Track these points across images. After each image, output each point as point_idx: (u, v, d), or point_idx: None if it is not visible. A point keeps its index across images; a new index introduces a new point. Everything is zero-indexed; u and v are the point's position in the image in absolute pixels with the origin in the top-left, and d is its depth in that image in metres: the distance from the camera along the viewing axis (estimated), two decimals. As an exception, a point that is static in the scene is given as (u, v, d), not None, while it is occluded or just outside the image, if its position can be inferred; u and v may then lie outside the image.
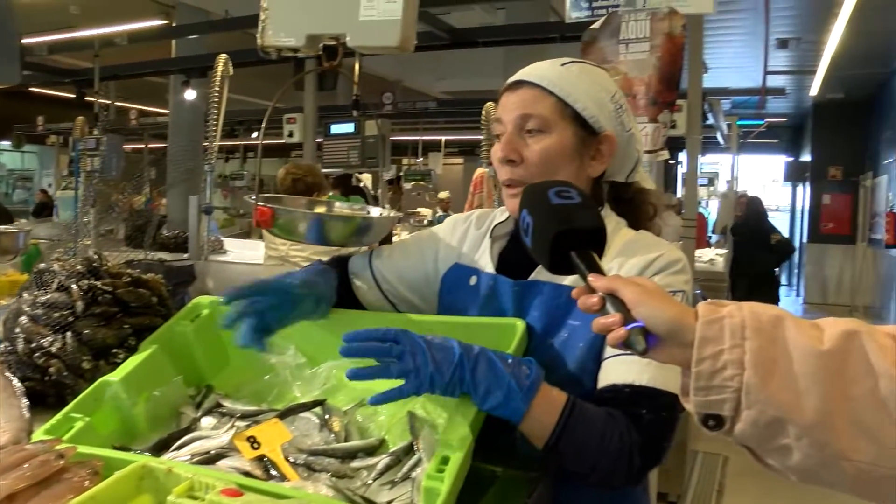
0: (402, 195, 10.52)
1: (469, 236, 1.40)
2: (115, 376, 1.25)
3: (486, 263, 1.34)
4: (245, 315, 1.21)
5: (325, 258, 1.48)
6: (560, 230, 0.91)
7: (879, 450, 0.72)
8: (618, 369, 1.12)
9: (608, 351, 1.14)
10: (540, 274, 1.23)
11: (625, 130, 1.28)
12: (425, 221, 9.60)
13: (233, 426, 1.19)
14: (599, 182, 1.31)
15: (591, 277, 0.85)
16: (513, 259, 1.31)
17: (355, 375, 1.05)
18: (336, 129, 5.05)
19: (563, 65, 1.27)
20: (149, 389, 1.27)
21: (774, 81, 10.13)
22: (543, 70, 1.26)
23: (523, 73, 1.27)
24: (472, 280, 1.33)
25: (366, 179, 6.67)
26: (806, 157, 13.43)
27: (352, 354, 1.05)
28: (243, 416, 1.22)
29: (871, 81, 10.46)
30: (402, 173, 11.03)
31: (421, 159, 13.42)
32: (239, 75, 4.23)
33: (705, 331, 0.77)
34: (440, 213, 10.31)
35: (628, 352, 0.81)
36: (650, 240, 1.27)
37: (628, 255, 1.21)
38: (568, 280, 1.18)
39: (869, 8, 6.58)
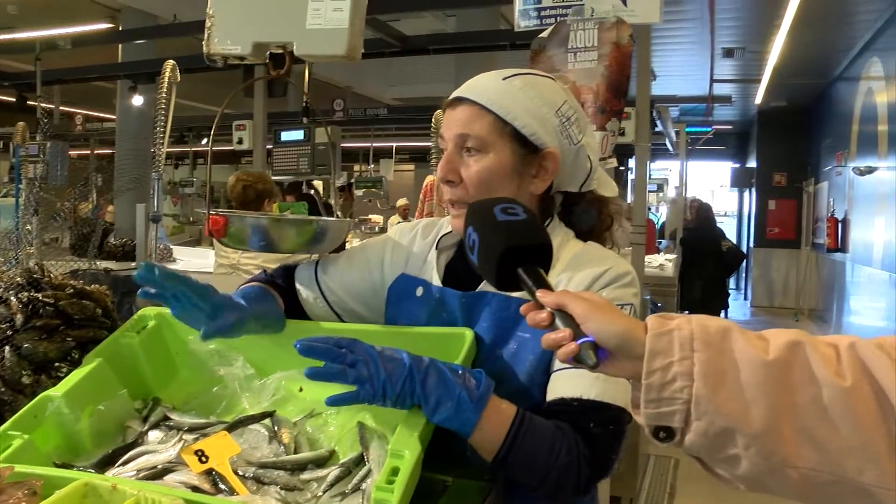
0: (354, 202, 10.48)
1: (416, 246, 1.38)
2: (57, 391, 1.21)
3: (433, 275, 1.32)
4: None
5: (274, 266, 1.46)
6: (507, 247, 0.91)
7: (822, 456, 0.74)
8: (566, 383, 1.12)
9: (557, 363, 1.14)
10: (487, 285, 1.21)
11: (572, 143, 1.24)
12: (377, 228, 9.57)
13: (180, 440, 1.17)
14: (548, 193, 1.29)
15: (540, 293, 0.85)
16: (460, 270, 1.30)
17: (314, 374, 1.05)
18: (286, 135, 5.02)
19: (504, 79, 1.23)
20: (93, 403, 1.23)
21: (721, 89, 10.39)
22: (484, 86, 1.23)
23: (464, 89, 1.24)
24: (419, 291, 1.31)
25: (318, 186, 6.62)
26: (752, 163, 13.74)
27: (308, 353, 1.04)
28: (191, 430, 1.20)
29: (812, 91, 10.78)
30: (353, 180, 10.99)
31: (372, 166, 13.41)
32: (188, 80, 4.17)
33: (654, 343, 0.78)
34: (399, 220, 10.25)
35: (579, 366, 0.81)
36: (598, 252, 1.26)
37: (576, 269, 1.20)
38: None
39: (807, 20, 6.80)
